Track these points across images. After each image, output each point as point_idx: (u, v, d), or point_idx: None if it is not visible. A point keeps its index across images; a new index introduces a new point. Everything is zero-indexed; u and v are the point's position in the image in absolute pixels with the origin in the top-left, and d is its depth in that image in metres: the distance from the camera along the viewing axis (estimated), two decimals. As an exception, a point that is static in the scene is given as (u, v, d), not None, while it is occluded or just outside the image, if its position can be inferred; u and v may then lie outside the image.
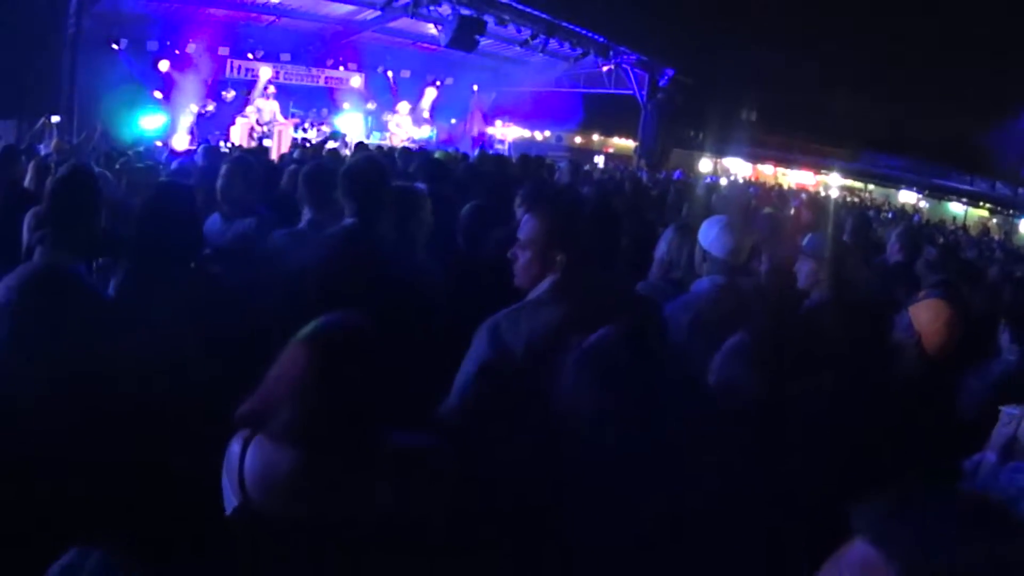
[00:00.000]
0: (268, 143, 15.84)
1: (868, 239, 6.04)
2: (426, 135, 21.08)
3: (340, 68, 20.47)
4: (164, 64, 16.84)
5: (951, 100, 20.20)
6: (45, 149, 9.49)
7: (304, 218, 3.56)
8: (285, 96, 18.40)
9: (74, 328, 1.94)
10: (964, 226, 24.40)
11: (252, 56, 18.46)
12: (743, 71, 20.77)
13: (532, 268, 2.20)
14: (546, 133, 28.87)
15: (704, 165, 27.37)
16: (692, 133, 25.66)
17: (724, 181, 20.27)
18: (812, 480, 1.68)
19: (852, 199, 26.93)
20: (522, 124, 25.88)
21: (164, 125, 16.04)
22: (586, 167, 13.21)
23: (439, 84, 21.91)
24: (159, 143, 13.62)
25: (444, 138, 21.27)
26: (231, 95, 18.07)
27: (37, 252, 2.67)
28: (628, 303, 2.33)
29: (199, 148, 7.64)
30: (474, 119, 23.74)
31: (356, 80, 20.69)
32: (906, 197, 29.69)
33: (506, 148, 22.49)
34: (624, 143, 28.83)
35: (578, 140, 31.59)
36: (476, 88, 23.18)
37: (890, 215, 22.02)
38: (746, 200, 9.37)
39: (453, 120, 22.97)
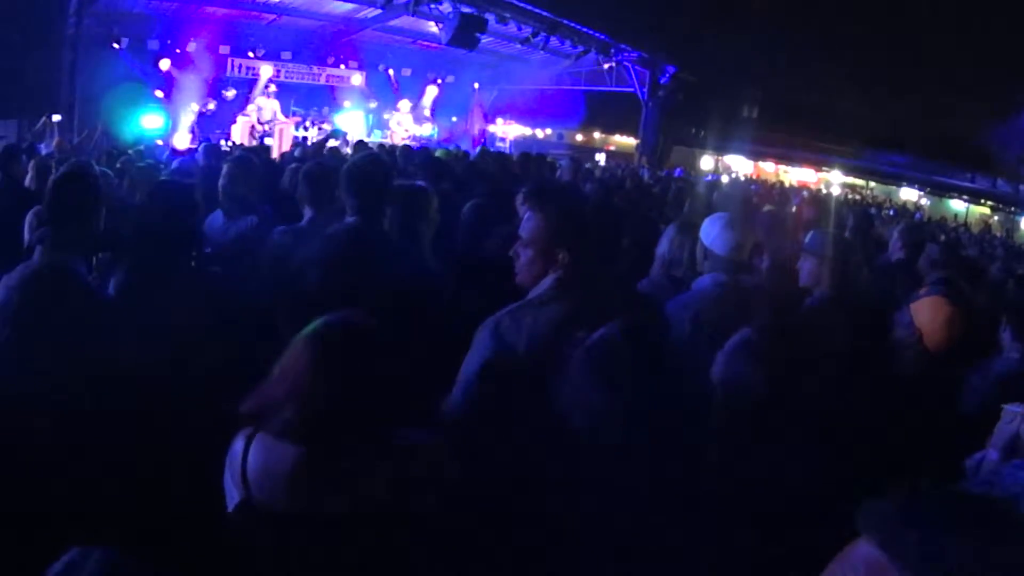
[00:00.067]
0: (270, 141, 15.84)
1: (869, 237, 6.03)
2: (427, 133, 21.07)
3: (341, 66, 20.46)
4: (165, 63, 16.84)
5: (952, 97, 20.15)
6: (46, 148, 9.50)
7: (305, 217, 3.56)
8: (286, 94, 18.40)
9: (74, 327, 1.94)
10: (965, 224, 24.40)
11: (253, 54, 18.45)
12: (744, 68, 20.71)
13: (534, 266, 2.19)
14: (547, 131, 28.85)
15: (705, 163, 27.35)
16: (693, 131, 25.61)
17: (725, 179, 20.28)
18: (814, 477, 1.67)
19: (853, 196, 26.90)
20: (523, 122, 25.85)
21: (165, 124, 16.04)
22: (587, 165, 13.19)
23: (440, 82, 21.90)
24: (160, 142, 13.61)
25: (445, 136, 21.26)
26: (232, 94, 18.07)
27: (37, 251, 2.67)
28: (630, 301, 2.33)
29: (200, 147, 7.64)
30: (475, 117, 23.73)
31: (357, 78, 20.68)
32: (907, 194, 29.68)
33: (507, 146, 22.47)
34: (625, 141, 28.80)
35: (579, 138, 31.56)
36: (477, 86, 23.17)
37: (891, 212, 22.00)
38: (747, 198, 9.37)
39: (454, 118, 22.97)
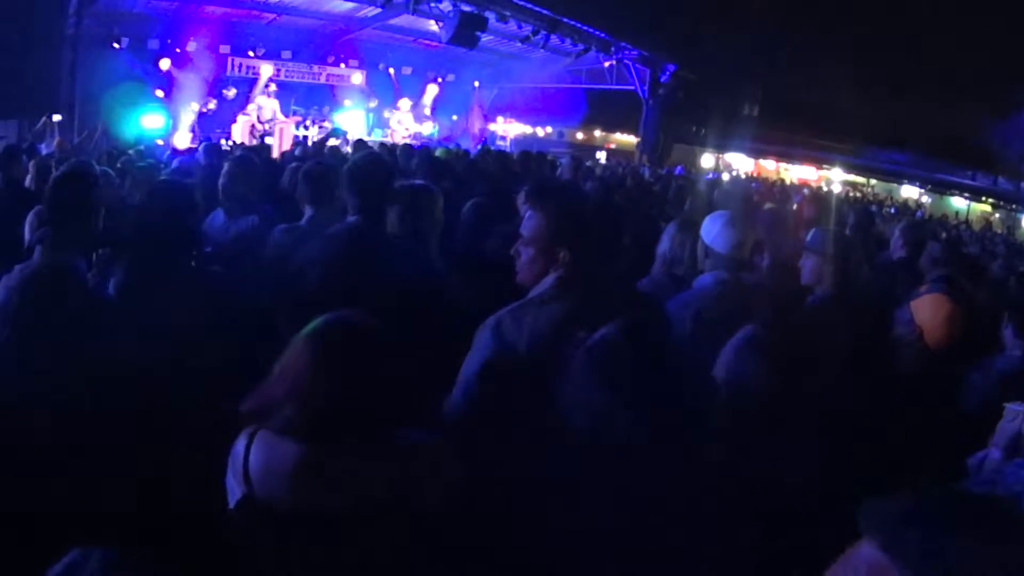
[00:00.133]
0: (270, 141, 15.84)
1: (870, 234, 6.02)
2: (428, 132, 21.07)
3: (341, 65, 20.45)
4: (165, 62, 16.84)
5: (953, 95, 20.13)
6: (46, 148, 9.50)
7: (305, 216, 3.56)
8: (286, 93, 18.38)
9: (74, 327, 1.94)
10: (967, 221, 24.36)
11: (253, 54, 18.44)
12: (745, 66, 20.70)
13: (535, 265, 2.18)
14: (548, 129, 28.81)
15: (706, 161, 27.31)
16: (694, 129, 25.60)
17: (726, 177, 20.26)
18: (816, 476, 1.67)
19: (854, 194, 26.88)
20: (524, 120, 25.84)
21: (166, 124, 16.03)
22: (588, 163, 13.18)
23: (440, 81, 21.89)
24: (160, 141, 13.61)
25: (445, 135, 21.25)
26: (232, 93, 18.05)
27: (37, 251, 2.67)
28: (631, 300, 2.32)
29: (200, 146, 7.63)
30: (475, 116, 23.72)
31: (357, 77, 20.67)
32: (908, 192, 29.65)
33: (508, 144, 22.46)
34: (626, 139, 28.76)
35: (580, 136, 31.52)
36: (477, 84, 23.16)
37: (892, 210, 21.97)
38: (748, 196, 9.36)
39: (455, 117, 22.96)
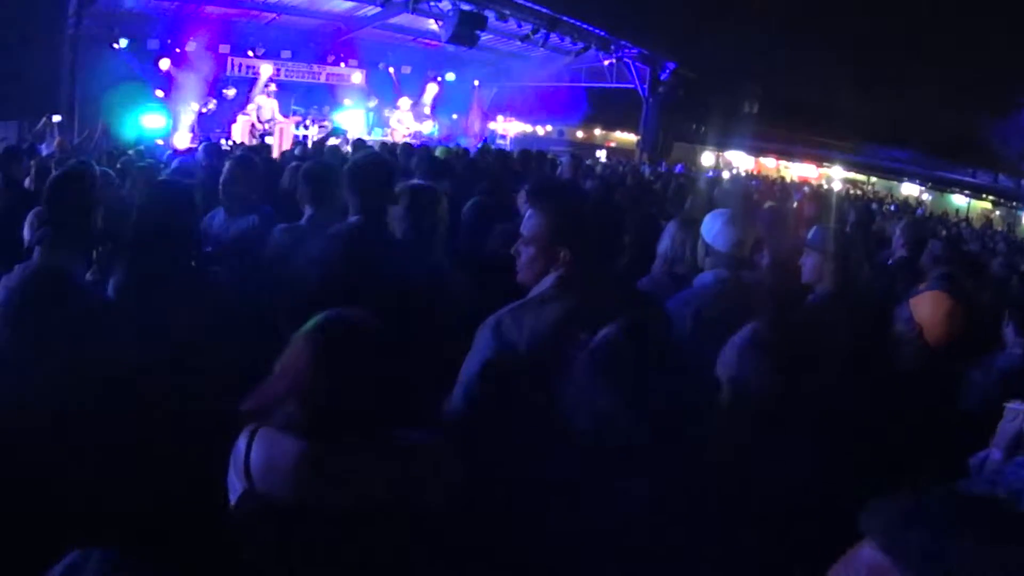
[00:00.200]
0: (270, 140, 15.84)
1: (870, 232, 6.02)
2: (428, 131, 21.07)
3: (341, 65, 20.45)
4: (165, 62, 16.83)
5: (954, 92, 20.10)
6: (47, 149, 9.51)
7: (305, 215, 3.56)
8: (286, 93, 18.36)
9: (73, 328, 1.94)
10: (967, 219, 24.35)
11: (253, 53, 18.43)
12: (745, 64, 20.66)
13: (535, 264, 2.18)
14: (548, 128, 28.79)
15: (706, 159, 27.31)
16: (694, 127, 25.58)
17: (726, 175, 20.26)
18: (818, 475, 1.66)
19: (855, 192, 26.87)
20: (524, 119, 25.84)
21: (167, 125, 16.03)
22: (588, 162, 13.18)
23: (440, 80, 21.88)
24: (160, 141, 13.61)
25: (445, 134, 21.24)
26: (232, 93, 18.04)
27: (36, 252, 2.67)
28: (632, 299, 2.32)
29: (200, 146, 7.64)
30: (475, 114, 23.72)
31: (357, 76, 20.67)
32: (909, 190, 29.62)
33: (508, 143, 22.45)
34: (626, 137, 28.74)
35: (580, 135, 31.49)
36: (477, 83, 23.15)
37: (892, 208, 21.95)
38: (748, 194, 9.36)
39: (455, 116, 22.95)
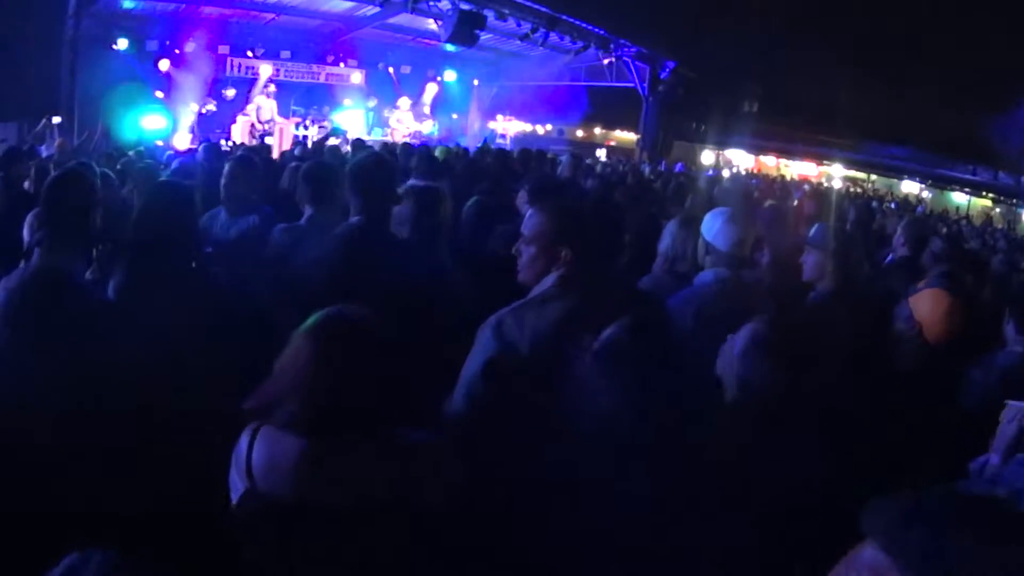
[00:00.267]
0: (270, 141, 15.84)
1: (871, 230, 6.02)
2: (428, 130, 21.07)
3: (340, 65, 20.44)
4: (164, 63, 16.83)
5: (954, 92, 20.09)
6: (47, 150, 9.50)
7: (305, 215, 3.56)
8: (285, 93, 18.37)
9: (73, 329, 1.94)
10: (967, 216, 24.33)
11: (252, 54, 18.42)
12: (745, 63, 20.65)
13: (537, 264, 2.18)
14: (548, 127, 28.78)
15: (706, 157, 27.29)
16: (694, 125, 25.58)
17: (726, 173, 20.24)
18: (819, 474, 1.66)
19: (855, 190, 26.86)
20: (523, 118, 25.83)
21: (168, 126, 16.03)
22: (588, 161, 13.17)
23: (440, 79, 21.88)
24: (160, 143, 13.61)
25: (444, 134, 21.24)
26: (232, 93, 18.05)
27: (35, 254, 2.67)
28: (633, 299, 2.32)
29: (200, 147, 7.64)
30: (475, 114, 23.71)
31: (357, 76, 20.67)
32: (909, 187, 29.61)
33: (508, 143, 22.45)
34: (626, 136, 28.73)
35: (580, 134, 31.48)
36: (477, 83, 23.15)
37: (892, 205, 21.94)
38: (748, 192, 9.36)
39: (454, 115, 22.95)
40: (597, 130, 32.26)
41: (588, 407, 1.62)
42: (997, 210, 26.96)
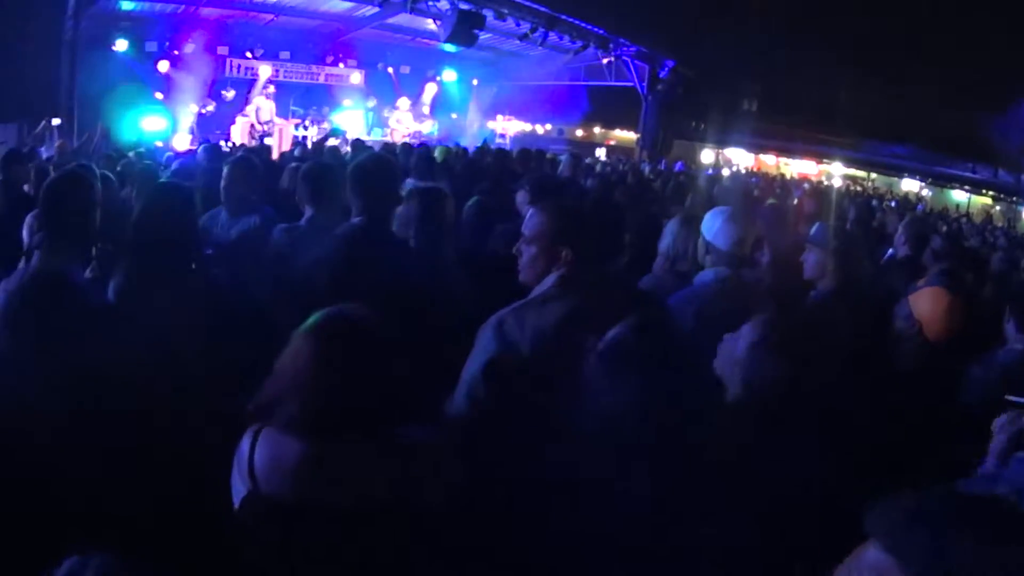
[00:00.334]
0: (269, 141, 15.84)
1: (871, 228, 6.02)
2: (428, 130, 21.07)
3: (340, 65, 20.45)
4: (163, 64, 16.85)
5: (953, 92, 20.10)
6: (47, 152, 9.50)
7: (305, 216, 3.55)
8: (285, 94, 18.38)
9: (73, 331, 1.94)
10: (967, 214, 24.31)
11: (251, 55, 18.44)
12: (744, 62, 20.68)
13: (537, 264, 2.18)
14: (547, 127, 28.78)
15: (706, 156, 27.26)
16: (693, 124, 25.59)
17: (726, 172, 20.24)
18: (821, 474, 1.66)
19: (855, 188, 26.84)
20: (523, 118, 25.83)
21: (168, 127, 16.03)
22: (587, 160, 13.16)
23: (439, 79, 21.87)
24: (159, 143, 13.61)
25: (443, 134, 21.24)
26: (231, 94, 18.06)
27: (35, 256, 2.67)
28: (634, 298, 2.32)
29: (199, 147, 7.63)
30: (474, 114, 23.71)
31: (356, 77, 20.67)
32: (909, 186, 29.59)
33: (507, 142, 22.45)
34: (626, 135, 28.71)
35: (579, 133, 31.46)
36: (476, 83, 23.14)
37: (892, 204, 21.94)
38: (748, 191, 9.36)
39: (454, 115, 22.95)
40: (597, 129, 32.25)
41: (590, 407, 1.62)
42: (997, 208, 26.94)
